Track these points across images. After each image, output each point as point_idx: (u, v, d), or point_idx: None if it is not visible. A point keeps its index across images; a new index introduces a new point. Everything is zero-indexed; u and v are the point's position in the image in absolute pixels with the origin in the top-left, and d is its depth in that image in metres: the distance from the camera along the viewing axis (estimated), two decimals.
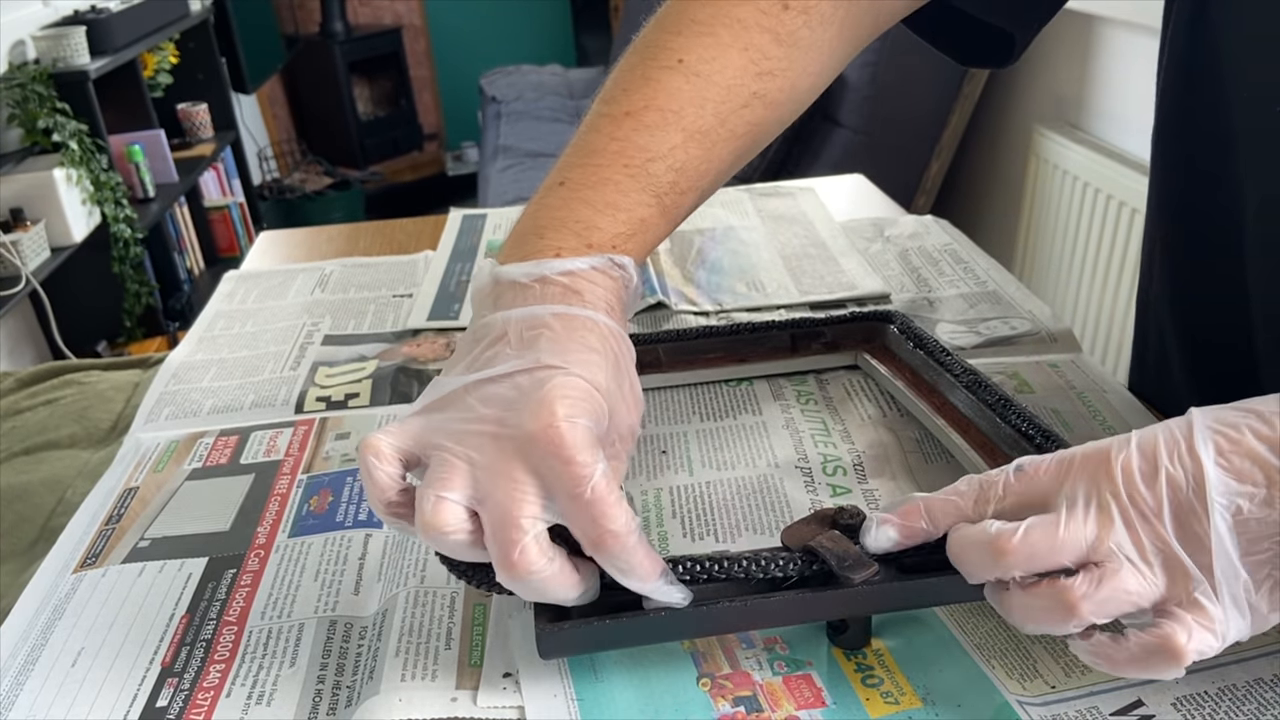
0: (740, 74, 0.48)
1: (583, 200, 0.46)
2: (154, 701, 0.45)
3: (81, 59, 2.28)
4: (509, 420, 0.39)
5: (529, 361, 0.40)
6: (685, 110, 0.47)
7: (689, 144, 0.47)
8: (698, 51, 0.48)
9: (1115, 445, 0.37)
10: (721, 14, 0.49)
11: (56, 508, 0.62)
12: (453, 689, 0.43)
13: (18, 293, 1.95)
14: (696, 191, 0.50)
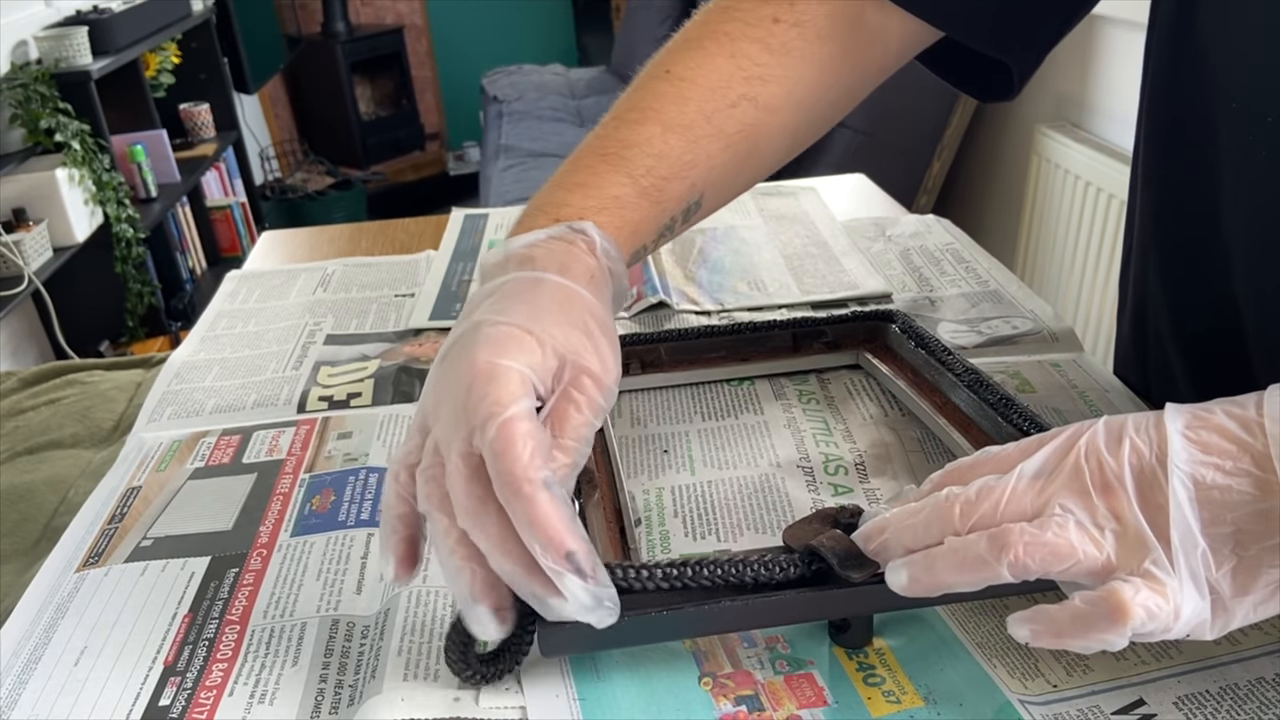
0: (726, 77, 0.51)
1: (558, 186, 0.49)
2: (157, 700, 0.45)
3: (84, 59, 2.28)
4: (448, 372, 0.41)
5: (464, 323, 0.43)
6: (666, 108, 0.50)
7: (668, 134, 0.50)
8: (684, 61, 0.51)
9: (1084, 424, 0.37)
10: (710, 30, 0.52)
11: (59, 507, 0.63)
12: (455, 689, 0.43)
13: (20, 293, 1.95)
14: (683, 181, 0.50)
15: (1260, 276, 0.51)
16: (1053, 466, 0.37)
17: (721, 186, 0.54)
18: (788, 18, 0.52)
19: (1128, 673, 0.42)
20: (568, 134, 2.93)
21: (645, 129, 0.50)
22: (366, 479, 0.60)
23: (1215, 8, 0.49)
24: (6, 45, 2.23)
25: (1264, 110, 0.47)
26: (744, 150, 0.53)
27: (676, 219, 0.52)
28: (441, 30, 4.39)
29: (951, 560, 0.36)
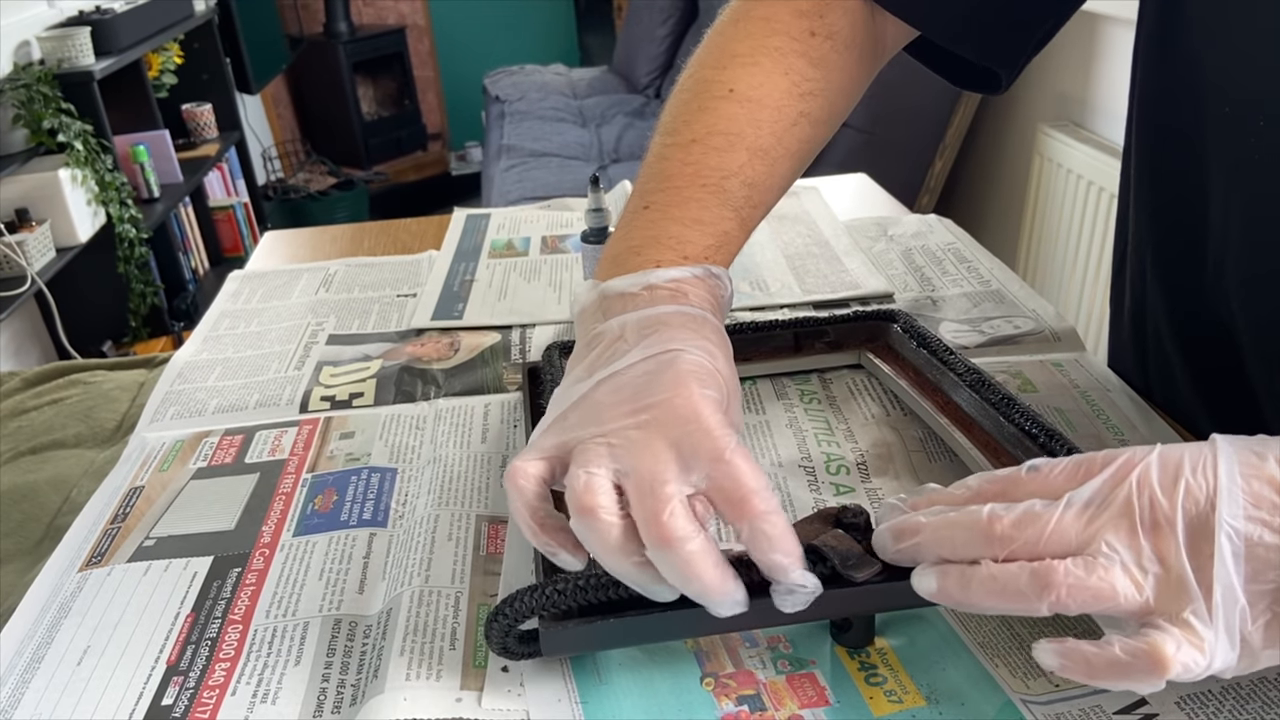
0: (786, 95, 0.53)
1: (671, 219, 0.49)
2: (159, 700, 0.45)
3: (86, 60, 2.29)
4: (643, 399, 0.40)
5: (655, 348, 0.42)
6: (745, 132, 0.51)
7: (754, 161, 0.51)
8: (745, 80, 0.52)
9: (1137, 453, 0.36)
10: (760, 45, 0.53)
11: (62, 507, 0.63)
12: (457, 689, 0.43)
13: (23, 293, 1.95)
14: (765, 206, 0.53)
15: (1251, 278, 0.51)
16: (1103, 497, 0.36)
17: (778, 200, 0.56)
18: (821, 30, 0.53)
19: None
20: (569, 134, 2.93)
21: (734, 156, 0.51)
22: (369, 479, 0.60)
23: (1200, 9, 0.49)
24: (9, 46, 2.23)
25: (1254, 112, 0.47)
26: (800, 166, 0.55)
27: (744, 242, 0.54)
28: (443, 30, 4.40)
29: (990, 587, 0.36)
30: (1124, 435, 0.60)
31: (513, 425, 0.64)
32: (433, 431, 0.64)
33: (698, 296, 0.46)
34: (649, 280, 0.46)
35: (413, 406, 0.68)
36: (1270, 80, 0.46)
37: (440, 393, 0.69)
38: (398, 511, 0.57)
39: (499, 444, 0.62)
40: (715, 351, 0.43)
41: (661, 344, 0.42)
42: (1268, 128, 0.47)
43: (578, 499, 0.39)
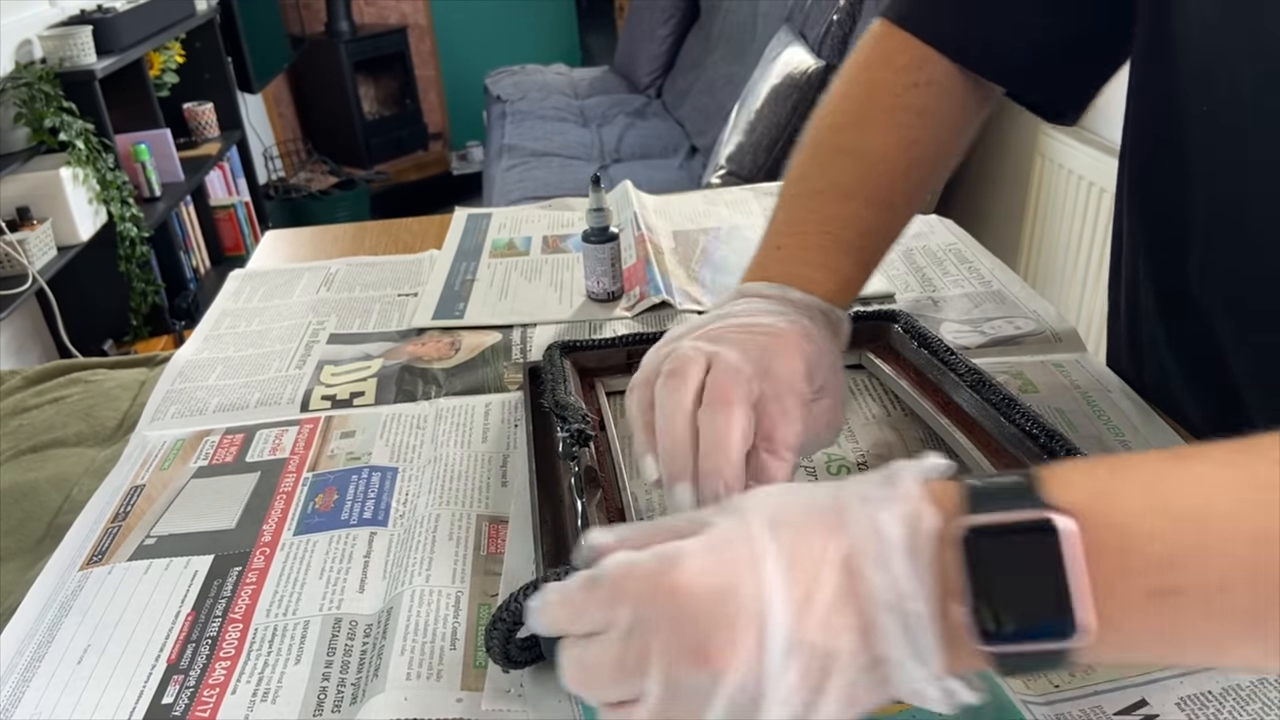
0: (894, 146, 0.58)
1: (803, 262, 0.55)
2: (159, 699, 0.45)
3: (88, 58, 2.29)
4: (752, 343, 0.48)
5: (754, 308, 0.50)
6: (860, 185, 0.57)
7: (870, 211, 0.57)
8: (854, 136, 0.58)
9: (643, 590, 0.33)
10: (866, 104, 0.59)
11: (63, 505, 0.63)
12: (458, 689, 0.43)
13: (24, 291, 1.95)
14: (881, 251, 0.58)
15: (1228, 280, 0.52)
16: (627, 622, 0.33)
17: (892, 246, 0.60)
18: (921, 80, 0.58)
19: (1130, 673, 0.42)
20: (571, 133, 2.93)
21: (851, 206, 0.56)
22: (369, 478, 0.60)
23: (1185, 14, 0.49)
24: (11, 44, 2.23)
25: (1228, 118, 0.48)
26: (913, 210, 0.60)
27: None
28: (445, 30, 4.39)
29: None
30: (1124, 435, 0.60)
31: (513, 425, 0.64)
32: (433, 431, 0.64)
33: (819, 318, 0.52)
34: (784, 292, 0.52)
35: (413, 406, 0.68)
36: (1242, 87, 0.47)
37: (441, 392, 0.69)
38: (398, 511, 0.57)
39: (500, 443, 0.62)
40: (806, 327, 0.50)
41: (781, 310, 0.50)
42: (1241, 134, 0.48)
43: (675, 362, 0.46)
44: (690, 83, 2.99)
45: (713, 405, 0.44)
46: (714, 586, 0.31)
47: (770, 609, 0.30)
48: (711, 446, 0.43)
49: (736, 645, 0.30)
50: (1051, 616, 0.29)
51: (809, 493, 0.33)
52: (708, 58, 2.92)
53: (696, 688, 0.31)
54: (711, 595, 0.31)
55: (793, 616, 0.30)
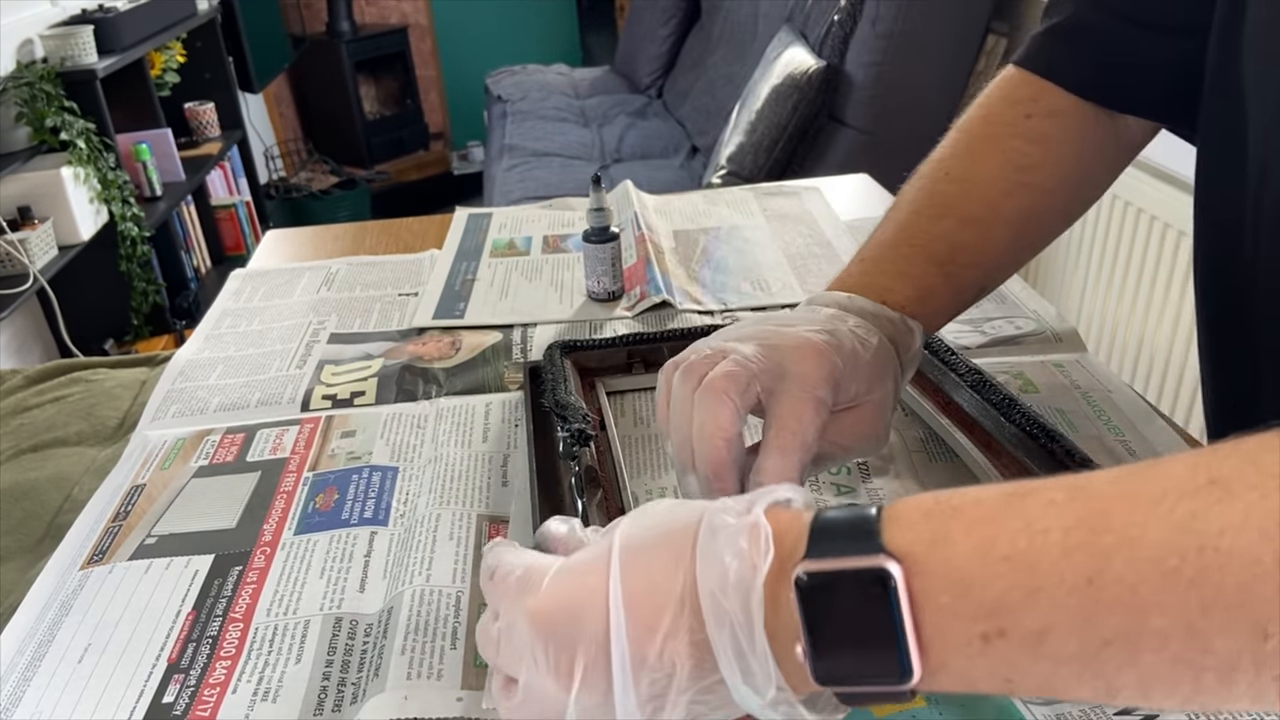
0: (999, 170, 0.57)
1: (881, 271, 0.55)
2: (160, 698, 0.45)
3: (89, 58, 2.29)
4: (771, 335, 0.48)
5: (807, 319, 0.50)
6: (956, 205, 0.57)
7: (963, 228, 0.56)
8: (960, 162, 0.59)
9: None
10: (977, 135, 0.59)
11: (64, 505, 0.63)
12: (458, 689, 0.43)
13: (25, 290, 1.95)
14: (979, 268, 0.57)
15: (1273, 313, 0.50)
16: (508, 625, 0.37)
17: (1005, 266, 0.60)
18: (1038, 112, 0.58)
19: None
20: (571, 133, 2.93)
21: (943, 223, 0.56)
22: (370, 478, 0.60)
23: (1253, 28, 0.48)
24: (12, 44, 2.24)
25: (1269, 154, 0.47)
26: (1025, 232, 0.59)
27: (967, 302, 0.58)
28: (446, 30, 4.40)
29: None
30: (1124, 436, 0.60)
31: (514, 424, 0.64)
32: (434, 430, 0.64)
33: (885, 327, 0.51)
34: (856, 305, 0.52)
35: (414, 405, 0.68)
36: None
37: (441, 392, 0.69)
38: (399, 510, 0.57)
39: (500, 443, 0.62)
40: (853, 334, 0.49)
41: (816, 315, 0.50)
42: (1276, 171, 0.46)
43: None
44: (691, 83, 2.99)
45: (701, 394, 0.45)
46: (564, 612, 0.34)
47: (613, 637, 0.33)
48: (697, 434, 0.45)
49: (583, 667, 0.33)
50: (881, 661, 0.30)
51: (672, 517, 0.35)
52: (708, 58, 2.92)
53: (553, 696, 0.34)
54: (561, 620, 0.34)
55: (633, 644, 0.33)
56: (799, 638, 0.31)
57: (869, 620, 0.30)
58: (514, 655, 0.35)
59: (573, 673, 0.33)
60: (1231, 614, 0.26)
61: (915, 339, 0.53)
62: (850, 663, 0.30)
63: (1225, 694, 0.27)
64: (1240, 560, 0.25)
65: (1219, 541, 0.26)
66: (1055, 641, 0.28)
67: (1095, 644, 0.27)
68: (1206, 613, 0.26)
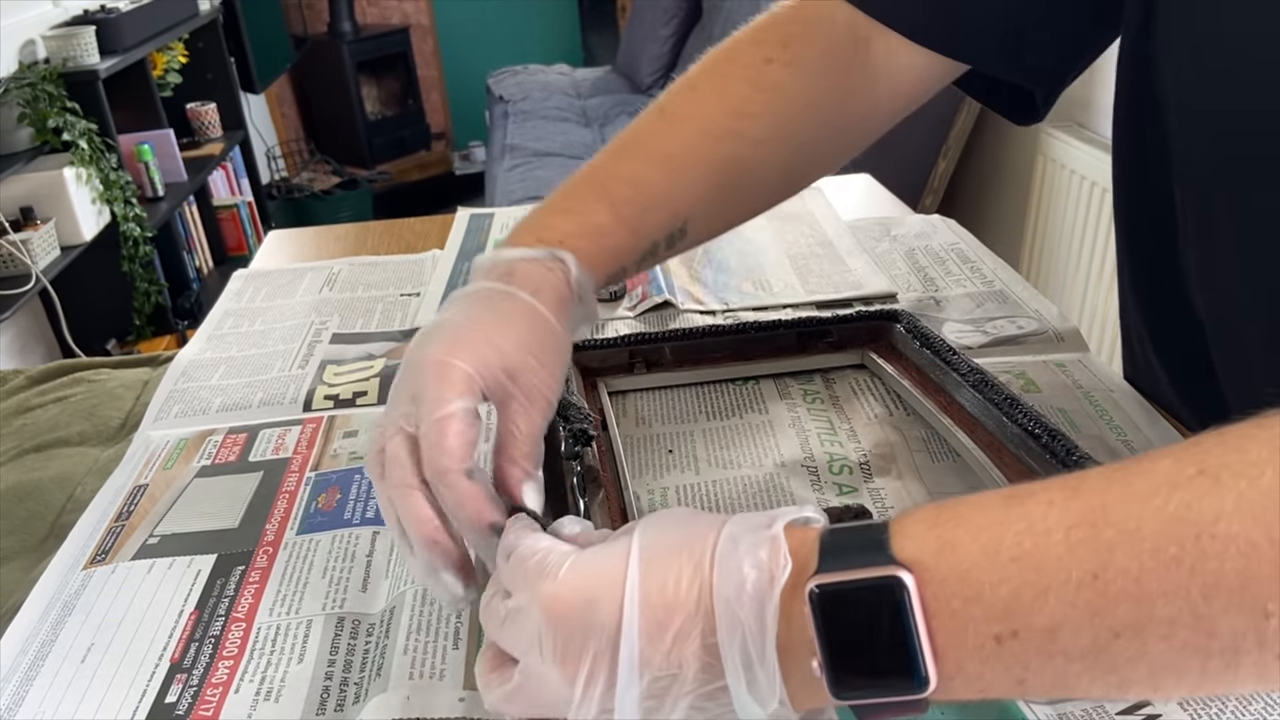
0: (714, 113, 0.54)
1: (548, 209, 0.52)
2: (163, 698, 0.45)
3: (91, 58, 2.29)
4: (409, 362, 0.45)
5: (437, 321, 0.46)
6: (653, 142, 0.54)
7: (651, 168, 0.53)
8: (678, 100, 0.56)
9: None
10: (706, 72, 0.56)
11: (66, 505, 0.63)
12: (460, 689, 0.44)
13: (28, 291, 1.95)
14: (665, 210, 0.53)
15: (1207, 279, 0.52)
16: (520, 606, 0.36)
17: (708, 216, 0.56)
18: (780, 58, 0.55)
19: None
20: (573, 134, 2.93)
21: (631, 162, 0.54)
22: None
23: (1168, 20, 0.49)
24: (14, 45, 2.24)
25: (1207, 123, 0.48)
26: (730, 181, 0.55)
27: (659, 244, 0.54)
28: (447, 30, 4.40)
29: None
30: (1127, 436, 0.60)
31: None
32: None
33: (525, 277, 0.48)
34: (495, 259, 0.49)
35: None
36: (1220, 92, 0.47)
37: None
38: None
39: None
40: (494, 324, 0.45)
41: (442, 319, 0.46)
42: (1219, 140, 0.48)
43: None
44: None
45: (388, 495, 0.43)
46: (579, 601, 0.34)
47: (625, 631, 0.33)
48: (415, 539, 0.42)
49: (590, 657, 0.33)
50: (896, 669, 0.30)
51: (692, 525, 0.35)
52: None
53: (554, 684, 0.34)
54: (575, 609, 0.34)
55: (644, 640, 0.33)
56: (814, 652, 0.31)
57: (883, 629, 0.30)
58: (519, 637, 0.35)
59: (579, 663, 0.33)
60: (1233, 597, 0.26)
61: (570, 269, 0.49)
62: (866, 673, 0.31)
63: (1232, 677, 0.28)
64: (1237, 545, 0.26)
65: (1214, 528, 0.27)
66: (1067, 637, 0.28)
67: (1106, 637, 0.28)
68: (1209, 598, 0.26)
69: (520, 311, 0.46)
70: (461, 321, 0.45)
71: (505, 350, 0.44)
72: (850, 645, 0.31)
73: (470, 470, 0.41)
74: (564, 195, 0.53)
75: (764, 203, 0.60)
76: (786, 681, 0.32)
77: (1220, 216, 0.49)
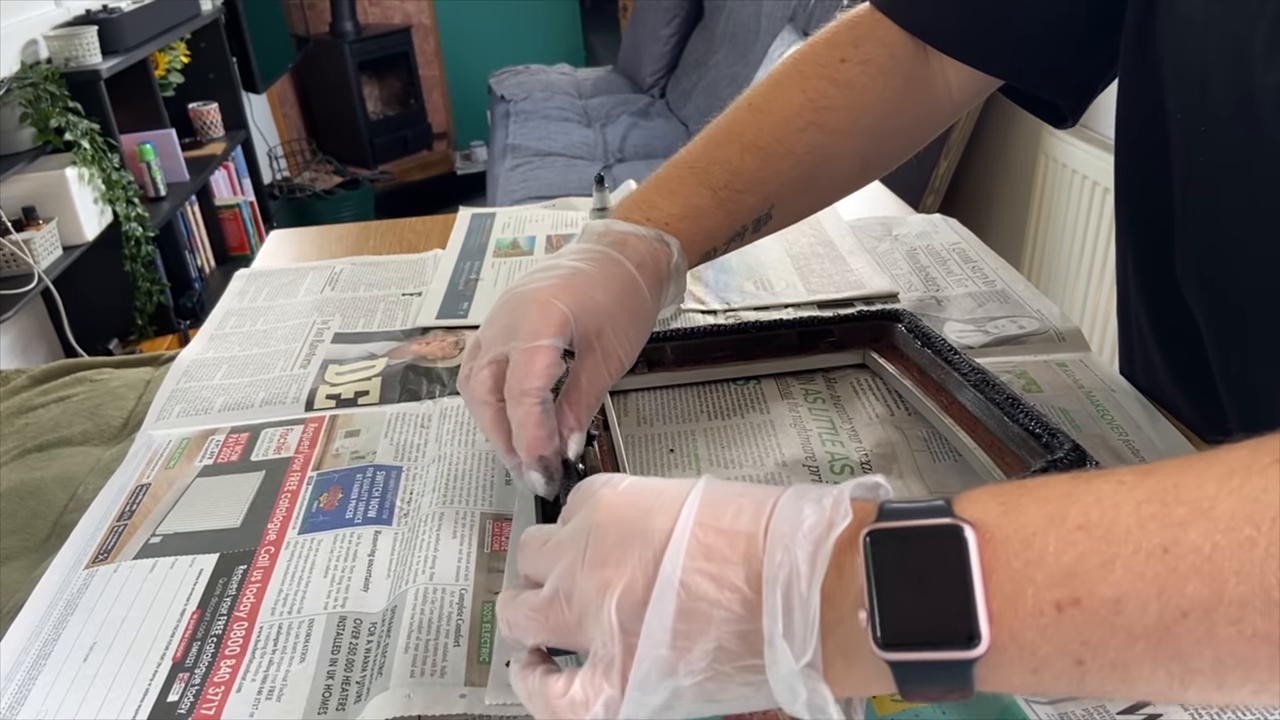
0: (798, 107, 0.60)
1: (654, 189, 0.58)
2: (165, 697, 0.45)
3: (93, 58, 2.29)
4: (516, 291, 0.51)
5: (554, 260, 0.53)
6: (745, 132, 0.59)
7: (745, 154, 0.58)
8: (763, 95, 0.61)
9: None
10: (788, 70, 0.62)
11: (69, 504, 0.63)
12: (462, 685, 0.44)
13: (30, 291, 1.96)
14: (757, 194, 0.59)
15: (1205, 279, 0.52)
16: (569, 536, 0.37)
17: (792, 202, 0.62)
18: (853, 57, 0.60)
19: None
20: (575, 133, 2.93)
21: (727, 149, 0.59)
22: (374, 477, 0.60)
23: (1167, 18, 0.50)
24: (16, 44, 2.24)
25: (1200, 115, 0.48)
26: (813, 169, 0.60)
27: (748, 228, 0.60)
28: (449, 30, 4.40)
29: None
30: (1128, 436, 0.60)
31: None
32: (437, 430, 0.64)
33: (634, 249, 0.54)
34: (611, 227, 0.55)
35: (418, 405, 0.68)
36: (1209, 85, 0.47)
37: (445, 391, 0.69)
38: (402, 509, 0.57)
39: None
40: (599, 281, 0.51)
41: (558, 262, 0.52)
42: (1210, 132, 0.48)
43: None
44: (694, 83, 2.99)
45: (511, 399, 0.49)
46: (633, 511, 0.34)
47: (671, 545, 0.32)
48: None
49: (630, 564, 0.33)
50: (949, 621, 0.29)
51: (760, 487, 0.35)
52: (711, 58, 2.92)
53: (584, 592, 0.34)
54: (627, 517, 0.34)
55: (689, 559, 0.32)
56: (862, 604, 0.30)
57: (937, 575, 0.29)
58: (558, 557, 0.36)
59: (619, 568, 0.33)
60: None
61: (673, 253, 0.55)
62: (915, 623, 0.29)
63: None
64: None
65: None
66: (1132, 611, 0.27)
67: (1173, 614, 0.27)
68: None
69: (623, 277, 0.52)
70: (570, 271, 0.51)
71: (601, 306, 0.50)
72: (901, 591, 0.29)
73: (544, 401, 0.48)
74: (666, 178, 0.58)
75: (841, 190, 0.66)
76: (824, 639, 0.30)
77: (1221, 216, 0.49)
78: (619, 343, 0.51)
